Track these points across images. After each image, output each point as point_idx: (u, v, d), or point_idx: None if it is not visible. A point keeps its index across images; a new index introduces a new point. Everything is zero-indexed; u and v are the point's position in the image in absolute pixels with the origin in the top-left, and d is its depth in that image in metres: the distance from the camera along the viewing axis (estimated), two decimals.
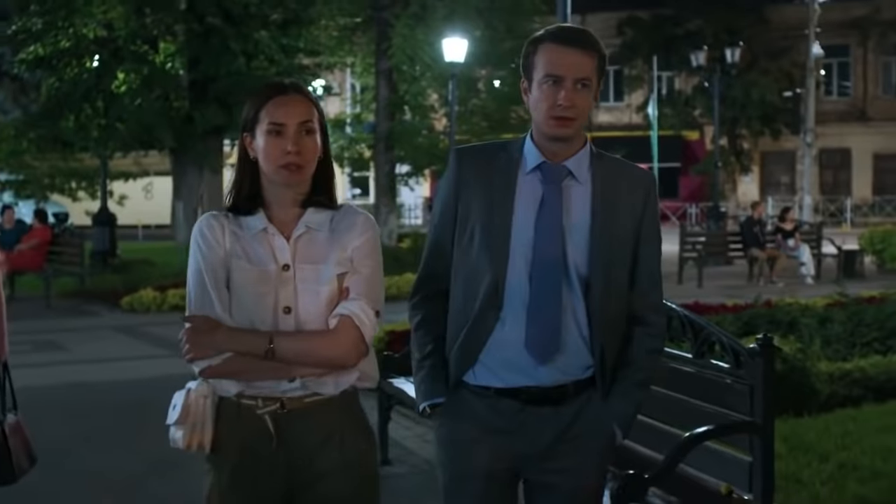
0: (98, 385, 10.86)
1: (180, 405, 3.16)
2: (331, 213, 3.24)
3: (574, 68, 3.18)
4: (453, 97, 25.14)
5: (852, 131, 51.94)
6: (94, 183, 35.81)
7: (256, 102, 3.21)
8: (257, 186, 3.23)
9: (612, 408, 3.30)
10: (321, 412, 3.17)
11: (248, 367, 3.10)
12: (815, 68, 42.31)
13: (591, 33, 3.29)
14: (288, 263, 3.16)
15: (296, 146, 3.13)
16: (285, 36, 22.28)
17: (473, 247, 3.27)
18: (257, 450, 3.16)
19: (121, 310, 17.43)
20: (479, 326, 3.25)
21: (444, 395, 3.32)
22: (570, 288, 3.23)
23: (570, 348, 3.24)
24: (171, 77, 21.85)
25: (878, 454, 6.98)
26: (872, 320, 11.16)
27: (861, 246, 24.34)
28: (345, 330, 3.11)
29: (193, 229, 3.23)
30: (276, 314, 3.14)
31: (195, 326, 3.10)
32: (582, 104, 3.20)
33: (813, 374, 8.70)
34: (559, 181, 3.26)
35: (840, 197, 50.50)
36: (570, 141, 3.27)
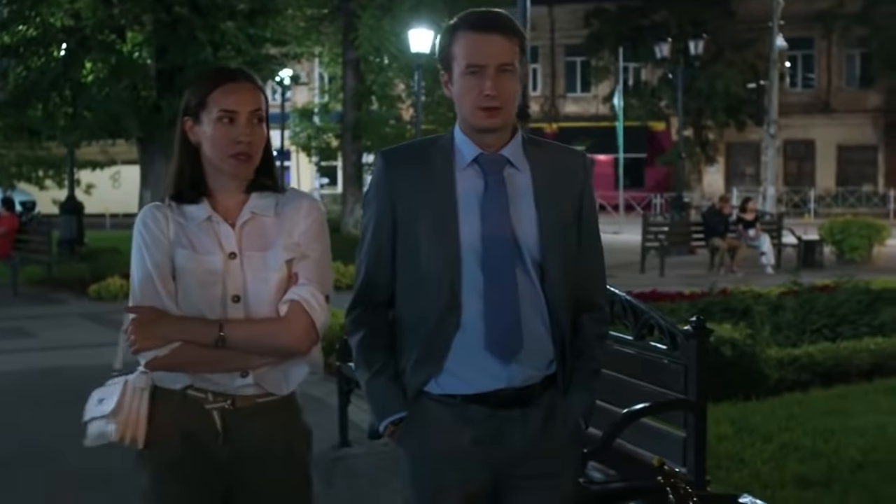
0: (66, 370, 11.03)
1: (115, 398, 3.06)
2: (275, 197, 3.16)
3: (495, 55, 3.04)
4: (419, 88, 25.35)
5: (816, 123, 52.41)
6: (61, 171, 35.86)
7: (204, 87, 3.11)
8: (199, 173, 3.14)
9: (573, 400, 3.17)
10: (270, 413, 3.12)
11: (198, 358, 3.03)
12: (778, 61, 42.68)
13: (507, 15, 3.14)
14: (234, 251, 3.08)
15: (247, 135, 3.06)
16: (252, 26, 22.37)
17: (421, 252, 3.10)
18: (201, 443, 3.08)
19: (88, 298, 17.53)
20: (440, 332, 3.08)
21: (405, 409, 3.14)
22: (527, 279, 3.10)
23: (534, 342, 3.10)
24: (138, 67, 21.94)
25: (819, 435, 7.27)
26: (823, 308, 11.50)
27: (821, 236, 24.69)
28: (295, 316, 3.04)
29: (136, 220, 3.13)
30: (224, 303, 3.06)
31: (141, 317, 3.02)
32: (508, 91, 3.06)
33: (762, 360, 9.00)
34: (500, 171, 3.12)
35: (804, 188, 50.98)
36: (502, 130, 3.13)
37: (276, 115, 39.19)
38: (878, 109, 51.02)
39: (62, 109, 22.55)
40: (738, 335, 8.93)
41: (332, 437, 7.61)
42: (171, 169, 3.17)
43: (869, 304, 11.73)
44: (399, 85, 30.67)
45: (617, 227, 34.42)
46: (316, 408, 8.05)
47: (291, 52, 26.66)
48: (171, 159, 3.19)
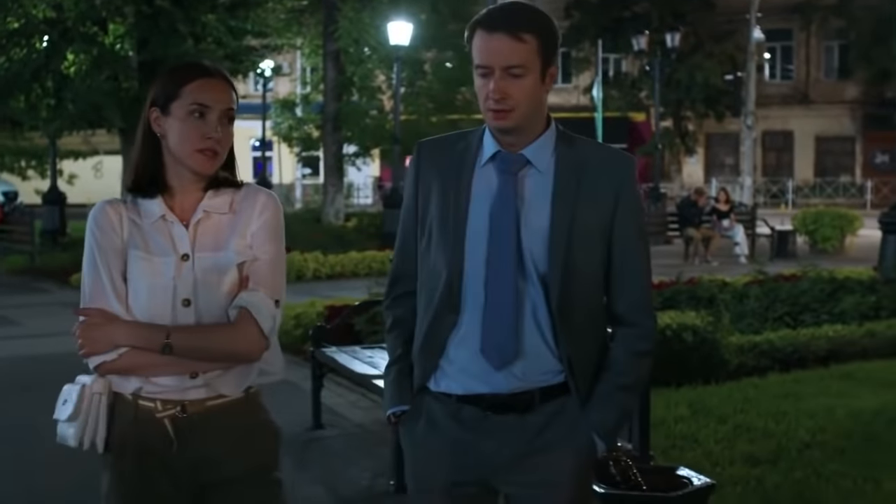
0: (53, 357, 11.31)
1: (73, 401, 3.01)
2: (231, 194, 3.10)
3: (501, 56, 2.90)
4: (398, 79, 25.63)
5: (795, 114, 52.84)
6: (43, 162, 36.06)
7: (178, 79, 3.02)
8: (160, 167, 3.07)
9: (590, 415, 3.01)
10: (224, 415, 3.06)
11: (146, 363, 2.97)
12: (756, 53, 43.12)
13: (528, 11, 2.97)
14: (187, 253, 3.02)
15: (217, 132, 3.01)
16: (233, 18, 22.60)
17: (431, 245, 3.06)
18: (156, 453, 3.03)
19: (70, 287, 17.75)
20: (437, 330, 3.04)
21: (409, 402, 3.13)
22: (529, 287, 2.98)
23: (530, 353, 2.99)
24: (120, 58, 22.14)
25: (771, 417, 7.62)
26: (786, 296, 11.87)
27: (794, 227, 25.07)
28: (244, 324, 2.98)
29: (89, 217, 3.08)
30: (174, 307, 3.00)
31: (89, 320, 2.97)
32: (517, 93, 2.92)
33: (722, 346, 9.34)
34: (515, 171, 3.00)
35: (782, 178, 51.40)
36: (520, 130, 3.00)
37: (257, 106, 39.59)
38: (855, 101, 51.43)
39: (44, 100, 22.75)
40: (700, 322, 9.27)
41: (307, 420, 7.92)
42: (133, 160, 3.10)
43: (831, 292, 12.09)
44: (379, 76, 30.93)
45: None
46: (290, 391, 8.42)
47: (272, 43, 26.92)
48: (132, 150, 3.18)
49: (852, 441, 7.07)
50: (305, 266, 18.89)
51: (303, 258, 18.98)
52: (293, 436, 7.27)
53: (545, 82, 2.98)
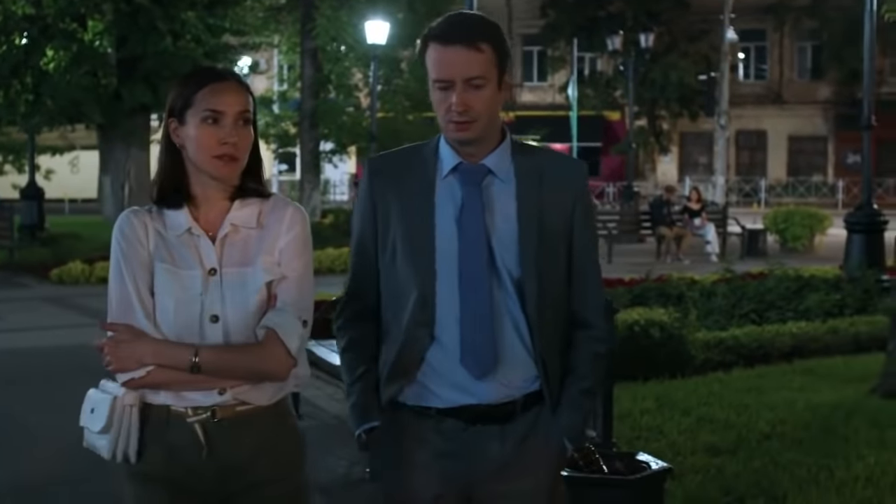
0: (35, 351, 11.56)
1: (105, 412, 2.97)
2: (258, 205, 3.06)
3: (461, 69, 2.91)
4: (374, 78, 25.88)
5: (768, 114, 53.32)
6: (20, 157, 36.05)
7: (190, 87, 3.00)
8: (183, 177, 3.04)
9: (560, 419, 3.07)
10: (253, 421, 3.03)
11: (174, 380, 2.95)
12: (729, 53, 43.55)
13: (479, 22, 3.00)
14: (215, 267, 2.99)
15: (234, 136, 2.96)
16: (211, 16, 22.82)
17: (397, 261, 3.04)
18: (185, 458, 3.00)
19: (50, 282, 17.99)
20: (412, 345, 3.02)
21: (379, 418, 3.09)
22: (504, 294, 3.01)
23: (511, 359, 3.02)
24: (99, 55, 22.31)
25: (733, 410, 7.91)
26: (753, 294, 12.20)
27: (765, 225, 25.41)
28: (271, 345, 2.95)
29: (115, 227, 3.04)
30: (202, 323, 2.97)
31: (117, 336, 2.93)
32: (478, 104, 2.94)
33: (689, 342, 9.64)
34: (479, 182, 3.03)
35: (755, 177, 51.85)
36: (480, 141, 3.02)
37: None
38: (828, 101, 51.92)
39: (23, 96, 22.89)
40: (667, 319, 9.56)
41: None
42: (157, 172, 3.08)
43: (796, 290, 12.44)
44: (356, 74, 31.19)
45: None
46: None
47: (250, 41, 27.11)
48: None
49: (810, 432, 7.37)
50: None
51: None
52: None
53: (501, 90, 3.01)
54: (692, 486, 6.08)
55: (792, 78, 53.97)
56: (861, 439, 7.11)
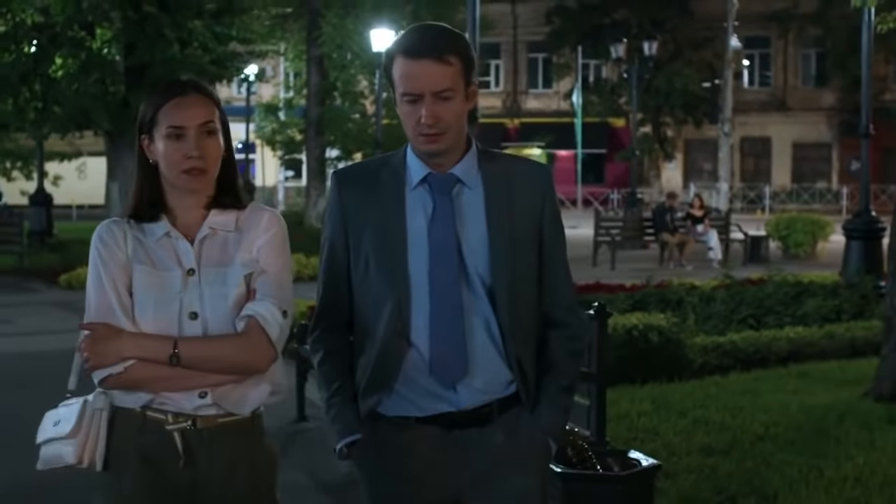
0: (46, 354, 11.74)
1: (73, 417, 2.99)
2: (236, 213, 3.12)
3: (429, 82, 2.94)
4: (380, 86, 26.09)
5: (772, 120, 53.56)
6: (28, 163, 36.35)
7: (154, 104, 3.03)
8: (158, 191, 3.09)
9: (541, 419, 3.10)
10: (233, 435, 3.04)
11: (153, 376, 2.95)
12: (733, 61, 43.73)
13: (445, 33, 3.02)
14: (193, 268, 3.03)
15: (198, 150, 2.99)
16: (219, 24, 22.99)
17: (370, 274, 3.06)
18: (161, 466, 2.99)
19: (59, 287, 18.22)
20: (388, 355, 3.04)
21: (359, 431, 3.09)
22: (476, 300, 3.04)
23: (484, 365, 3.04)
24: (107, 62, 22.51)
25: (728, 412, 8.09)
26: (752, 299, 12.39)
27: (767, 232, 25.56)
28: (252, 333, 2.98)
29: (93, 236, 3.09)
30: (181, 320, 3.00)
31: (95, 334, 2.95)
32: (448, 116, 2.97)
33: (686, 346, 9.83)
34: (449, 191, 3.06)
35: (760, 184, 52.02)
36: (449, 152, 3.05)
37: (241, 109, 40.00)
38: (832, 108, 52.13)
39: (32, 103, 23.11)
40: (665, 323, 9.75)
41: (291, 414, 8.40)
42: (132, 189, 3.14)
43: (795, 296, 12.65)
44: (361, 81, 31.45)
45: (575, 222, 35.20)
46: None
47: (257, 49, 27.35)
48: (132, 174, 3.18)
49: (802, 434, 7.56)
50: None
51: None
52: (278, 428, 7.74)
53: (468, 101, 3.04)
54: (686, 486, 6.26)
55: (796, 85, 54.21)
56: (852, 441, 7.29)
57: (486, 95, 50.32)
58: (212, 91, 3.13)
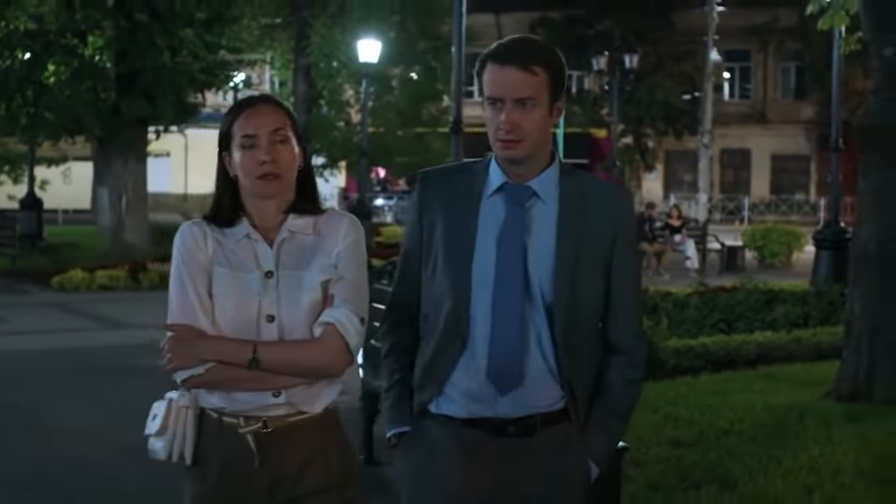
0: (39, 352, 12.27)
1: (161, 416, 3.11)
2: (314, 218, 3.20)
3: (512, 88, 3.00)
4: (366, 95, 26.58)
5: (752, 133, 54.10)
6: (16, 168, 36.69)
7: (228, 119, 3.16)
8: (238, 202, 3.19)
9: (589, 443, 3.12)
10: (305, 431, 3.10)
11: (232, 377, 3.04)
12: (713, 74, 44.36)
13: (535, 45, 3.09)
14: (271, 270, 3.11)
15: (269, 155, 3.08)
16: (209, 33, 23.42)
17: (437, 273, 3.12)
18: (239, 467, 3.09)
19: (51, 289, 18.61)
20: (443, 356, 3.10)
21: (409, 424, 3.18)
22: (536, 315, 3.05)
23: (535, 379, 3.06)
24: (99, 69, 22.93)
25: (697, 409, 8.58)
26: (724, 306, 12.94)
27: (744, 242, 26.15)
28: (329, 339, 3.05)
29: (175, 237, 3.18)
30: (258, 323, 3.08)
31: (178, 335, 3.07)
32: (527, 125, 3.01)
33: (660, 349, 10.32)
34: (522, 202, 3.08)
35: (739, 195, 52.59)
36: (528, 162, 3.08)
37: None
38: (811, 121, 52.63)
39: (24, 109, 23.50)
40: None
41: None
42: (213, 198, 3.25)
43: (765, 302, 13.21)
44: (348, 90, 31.89)
45: None
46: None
47: (246, 58, 27.78)
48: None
49: (765, 429, 8.05)
50: None
51: None
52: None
53: (552, 116, 3.07)
54: (653, 473, 6.76)
55: (776, 98, 54.79)
56: (810, 435, 7.78)
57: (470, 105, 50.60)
58: (282, 103, 3.26)
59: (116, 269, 19.06)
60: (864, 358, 9.08)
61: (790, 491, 6.41)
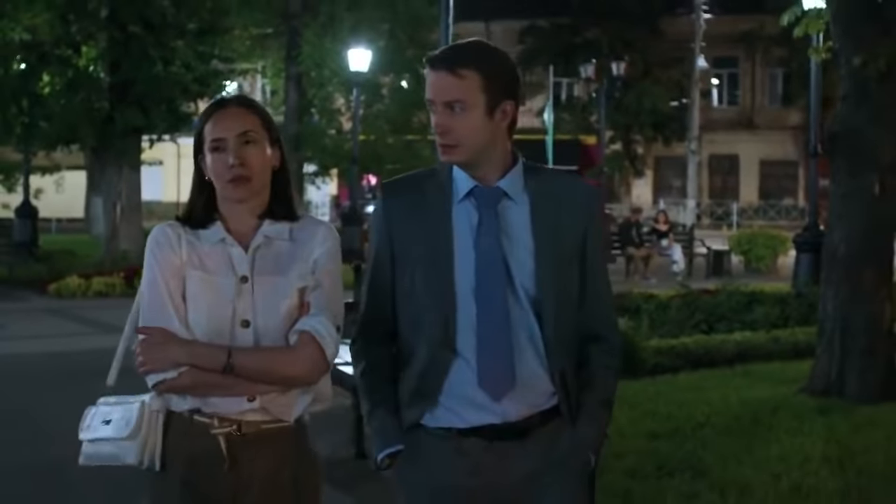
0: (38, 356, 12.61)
1: (133, 418, 3.04)
2: (289, 224, 3.16)
3: (441, 91, 2.98)
4: (357, 104, 26.94)
5: (740, 139, 54.55)
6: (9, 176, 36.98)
7: (200, 123, 3.12)
8: (213, 205, 3.16)
9: (581, 433, 3.11)
10: (276, 441, 3.07)
11: (206, 382, 2.99)
12: (700, 80, 44.79)
13: (468, 48, 3.06)
14: (246, 275, 3.07)
15: (237, 158, 3.04)
16: (201, 44, 23.72)
17: (416, 286, 3.06)
18: (206, 468, 3.04)
19: (48, 296, 18.94)
20: (434, 368, 3.04)
21: (401, 441, 3.10)
22: (522, 313, 3.03)
23: (529, 378, 3.03)
24: (93, 80, 23.24)
25: (675, 405, 8.94)
26: (705, 307, 13.33)
27: (730, 247, 26.53)
28: (305, 347, 3.01)
29: (148, 238, 3.13)
30: (233, 327, 3.03)
31: (150, 338, 3.01)
32: (461, 128, 2.98)
33: (640, 348, 10.69)
34: (494, 204, 3.06)
35: (728, 201, 53.04)
36: (482, 165, 3.06)
37: None
38: (798, 127, 52.88)
39: (19, 119, 23.80)
40: (622, 327, 10.61)
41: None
42: (187, 200, 3.22)
43: (746, 304, 13.57)
44: (339, 99, 32.29)
45: None
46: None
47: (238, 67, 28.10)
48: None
49: (740, 422, 8.41)
50: None
51: None
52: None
53: (494, 118, 3.01)
54: (630, 463, 7.11)
55: (763, 104, 55.29)
56: (783, 428, 8.14)
57: None
58: (255, 103, 3.23)
59: (112, 275, 19.38)
60: (835, 356, 9.45)
61: (759, 478, 6.77)
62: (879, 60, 9.11)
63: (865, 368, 9.35)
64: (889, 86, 9.26)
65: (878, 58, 9.12)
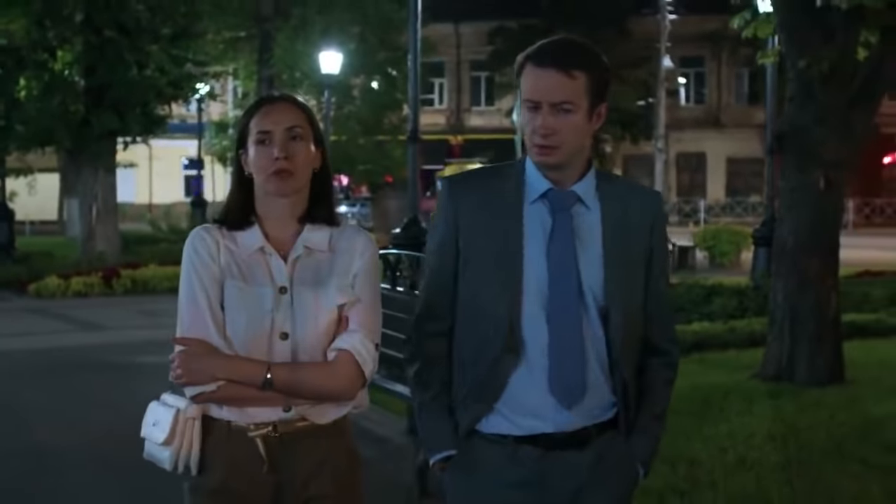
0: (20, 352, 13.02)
1: (167, 425, 3.02)
2: (329, 230, 3.12)
3: (550, 92, 2.89)
4: (328, 105, 27.39)
5: (707, 136, 55.24)
6: None
7: (246, 116, 3.10)
8: (251, 202, 3.11)
9: (634, 445, 3.09)
10: (314, 438, 3.05)
11: (243, 396, 2.97)
12: (667, 80, 45.38)
13: (579, 48, 2.97)
14: (285, 286, 3.03)
15: (283, 151, 3.00)
16: (175, 48, 24.05)
17: (481, 284, 2.99)
18: (247, 472, 3.03)
19: (28, 296, 19.28)
20: (495, 371, 2.97)
21: (454, 446, 3.06)
22: (589, 322, 2.98)
23: (593, 388, 3.00)
24: (69, 84, 23.56)
25: None
26: None
27: (694, 242, 27.11)
28: (344, 365, 2.99)
29: (186, 244, 3.08)
30: (271, 339, 3.00)
31: (189, 350, 2.97)
32: (565, 130, 2.92)
33: None
34: (568, 208, 3.00)
35: (695, 198, 53.66)
36: (566, 167, 3.00)
37: (194, 126, 40.92)
38: (764, 125, 53.69)
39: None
40: None
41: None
42: (226, 198, 3.18)
43: (705, 296, 14.07)
44: (310, 101, 32.68)
45: None
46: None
47: (210, 70, 28.47)
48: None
49: (692, 405, 8.87)
50: None
51: None
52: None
53: (592, 120, 2.98)
54: None
55: (730, 103, 56.00)
56: (733, 409, 8.61)
57: (430, 113, 51.58)
58: (303, 103, 3.20)
59: (90, 275, 19.72)
60: (785, 343, 9.96)
61: (707, 451, 7.28)
62: (823, 63, 9.60)
63: (814, 354, 9.84)
64: (832, 87, 9.76)
65: (821, 61, 9.60)
